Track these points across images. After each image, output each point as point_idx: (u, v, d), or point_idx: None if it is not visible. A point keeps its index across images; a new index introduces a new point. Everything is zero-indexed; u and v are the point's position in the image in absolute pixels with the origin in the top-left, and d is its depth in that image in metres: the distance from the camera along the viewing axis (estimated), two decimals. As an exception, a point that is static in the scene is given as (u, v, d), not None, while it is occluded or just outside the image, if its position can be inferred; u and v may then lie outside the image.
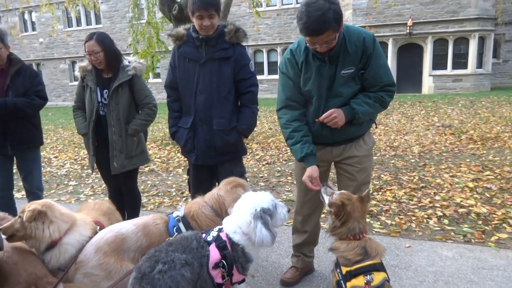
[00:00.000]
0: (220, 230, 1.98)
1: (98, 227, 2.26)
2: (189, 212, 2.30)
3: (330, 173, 2.73)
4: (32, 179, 3.52)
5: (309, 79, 2.35)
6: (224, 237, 1.94)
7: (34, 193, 3.50)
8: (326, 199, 2.13)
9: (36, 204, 2.10)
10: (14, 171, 3.57)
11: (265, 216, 1.94)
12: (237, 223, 1.96)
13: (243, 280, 2.02)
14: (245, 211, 1.96)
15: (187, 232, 2.10)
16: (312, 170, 2.34)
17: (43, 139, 3.64)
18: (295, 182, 3.72)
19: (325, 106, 2.36)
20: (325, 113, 2.30)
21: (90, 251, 2.03)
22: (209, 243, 1.91)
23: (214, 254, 1.88)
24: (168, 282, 1.66)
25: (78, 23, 25.11)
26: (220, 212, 2.30)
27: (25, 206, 2.14)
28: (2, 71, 3.28)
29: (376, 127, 2.68)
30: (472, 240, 3.37)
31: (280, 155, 7.21)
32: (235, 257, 1.91)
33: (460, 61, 17.67)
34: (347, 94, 2.33)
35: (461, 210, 4.04)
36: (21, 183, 3.66)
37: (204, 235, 1.97)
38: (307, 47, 2.28)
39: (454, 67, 17.76)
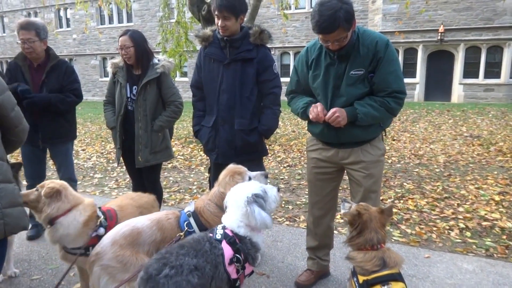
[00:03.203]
0: (224, 228, 2.00)
1: (103, 216, 2.37)
2: (197, 209, 2.36)
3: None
4: (65, 170, 3.63)
5: (318, 77, 2.44)
6: (230, 234, 1.97)
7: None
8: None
9: (54, 183, 2.27)
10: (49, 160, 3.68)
11: (258, 199, 1.98)
12: (237, 218, 1.99)
13: (251, 272, 2.05)
14: (239, 203, 1.99)
15: (198, 233, 2.12)
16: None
17: (76, 133, 3.75)
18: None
19: (330, 105, 2.40)
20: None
21: (106, 244, 2.08)
22: (220, 241, 1.93)
23: (227, 250, 1.91)
24: None
25: (110, 20, 25.77)
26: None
27: (44, 182, 2.30)
28: (39, 67, 3.39)
29: (385, 135, 2.61)
30: (495, 255, 3.28)
31: (302, 158, 7.20)
32: (245, 250, 1.94)
33: (493, 70, 17.07)
34: (353, 95, 2.35)
35: (485, 223, 3.94)
36: (49, 173, 3.77)
37: (211, 235, 1.98)
38: (322, 45, 2.37)
39: (486, 76, 17.19)
